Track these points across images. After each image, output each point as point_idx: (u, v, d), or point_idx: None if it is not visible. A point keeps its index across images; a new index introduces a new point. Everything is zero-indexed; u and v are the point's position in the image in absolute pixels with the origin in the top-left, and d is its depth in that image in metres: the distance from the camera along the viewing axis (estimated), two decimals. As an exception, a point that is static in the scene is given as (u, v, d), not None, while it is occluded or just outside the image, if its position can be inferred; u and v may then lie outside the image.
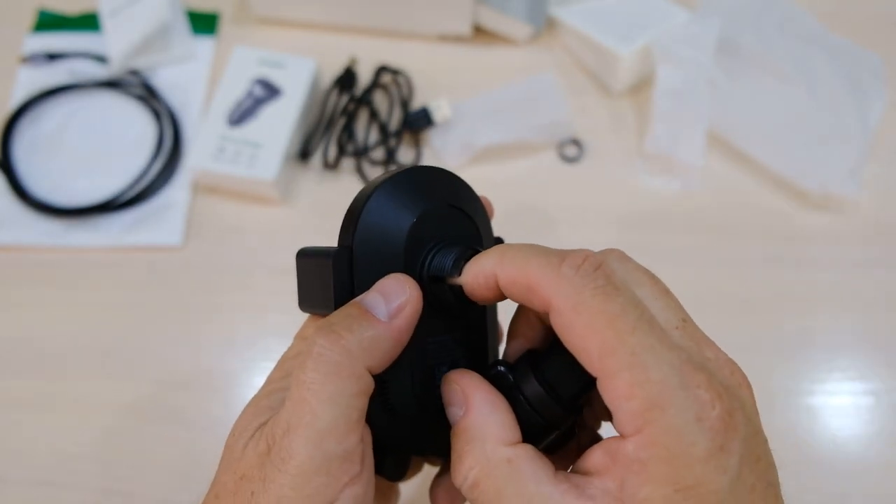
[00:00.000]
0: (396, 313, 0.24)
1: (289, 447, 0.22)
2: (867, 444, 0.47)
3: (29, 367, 0.50)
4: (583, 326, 0.22)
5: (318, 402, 0.23)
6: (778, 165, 0.56)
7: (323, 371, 0.23)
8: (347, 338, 0.23)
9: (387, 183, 0.27)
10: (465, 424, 0.24)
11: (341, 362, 0.23)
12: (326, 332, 0.23)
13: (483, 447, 0.23)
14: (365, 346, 0.24)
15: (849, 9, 0.65)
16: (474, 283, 0.25)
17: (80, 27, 0.64)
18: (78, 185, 0.56)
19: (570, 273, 0.23)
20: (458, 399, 0.25)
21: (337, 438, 0.23)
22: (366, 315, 0.24)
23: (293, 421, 0.23)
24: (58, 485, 0.46)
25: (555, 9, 0.63)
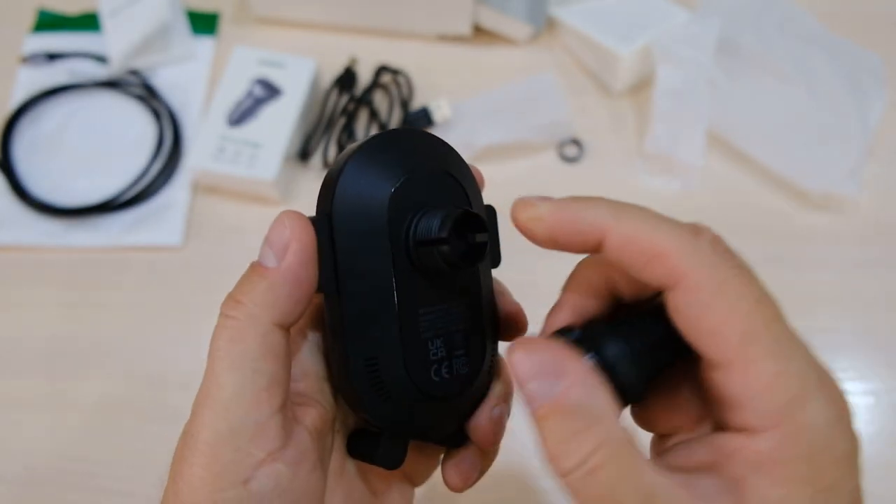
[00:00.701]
0: (283, 253, 0.23)
1: (198, 423, 0.22)
2: (867, 444, 0.46)
3: (29, 367, 0.50)
4: (726, 307, 0.20)
5: (223, 370, 0.22)
6: (778, 165, 0.56)
7: (226, 337, 0.22)
8: (244, 298, 0.22)
9: (366, 145, 0.25)
10: (574, 402, 0.20)
11: (243, 325, 0.22)
12: (226, 299, 0.23)
13: (602, 426, 0.19)
14: (261, 301, 0.22)
15: (849, 9, 0.65)
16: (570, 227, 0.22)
17: (80, 27, 0.64)
18: (78, 185, 0.56)
19: (707, 248, 0.21)
20: (551, 369, 0.20)
21: (243, 408, 0.21)
22: (256, 269, 0.23)
23: (201, 394, 0.22)
24: (58, 485, 0.46)
25: (555, 9, 0.63)
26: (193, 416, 0.22)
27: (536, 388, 0.20)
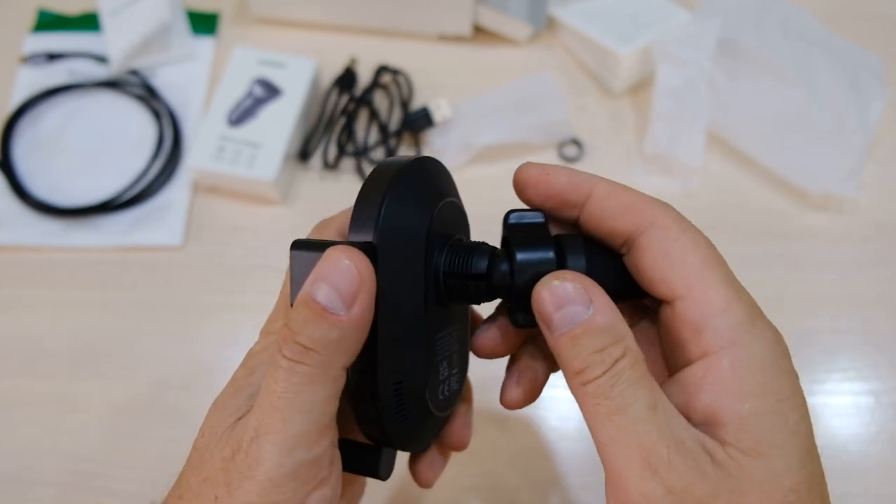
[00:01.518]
0: (353, 300, 0.22)
1: (256, 454, 0.22)
2: (867, 444, 0.47)
3: (29, 366, 0.50)
4: (689, 241, 0.24)
5: (291, 411, 0.22)
6: (778, 165, 0.56)
7: (295, 382, 0.22)
8: (314, 347, 0.22)
9: (402, 176, 0.25)
10: (604, 322, 0.22)
11: (316, 372, 0.22)
12: (291, 346, 0.22)
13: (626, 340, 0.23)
14: (334, 350, 0.22)
15: (849, 9, 0.65)
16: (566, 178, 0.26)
17: (80, 27, 0.64)
18: (78, 185, 0.56)
19: (672, 207, 0.25)
20: (581, 297, 0.23)
21: (307, 445, 0.22)
22: (323, 315, 0.22)
23: (262, 428, 0.22)
24: (58, 485, 0.46)
25: (555, 9, 0.63)
26: (251, 446, 0.22)
27: (570, 313, 0.23)
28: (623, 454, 0.21)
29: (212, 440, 0.24)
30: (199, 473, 0.23)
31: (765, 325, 0.23)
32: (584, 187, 0.26)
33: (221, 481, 0.22)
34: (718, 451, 0.21)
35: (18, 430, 0.48)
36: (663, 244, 0.24)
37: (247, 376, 0.26)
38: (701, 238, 0.24)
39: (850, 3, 0.65)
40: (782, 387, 0.22)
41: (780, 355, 0.22)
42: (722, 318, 0.22)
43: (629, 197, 0.25)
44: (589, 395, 0.22)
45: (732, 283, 0.23)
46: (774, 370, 0.22)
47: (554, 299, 0.23)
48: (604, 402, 0.22)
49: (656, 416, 0.21)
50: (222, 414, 0.25)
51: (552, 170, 0.26)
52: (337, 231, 0.29)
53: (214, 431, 0.24)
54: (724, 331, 0.22)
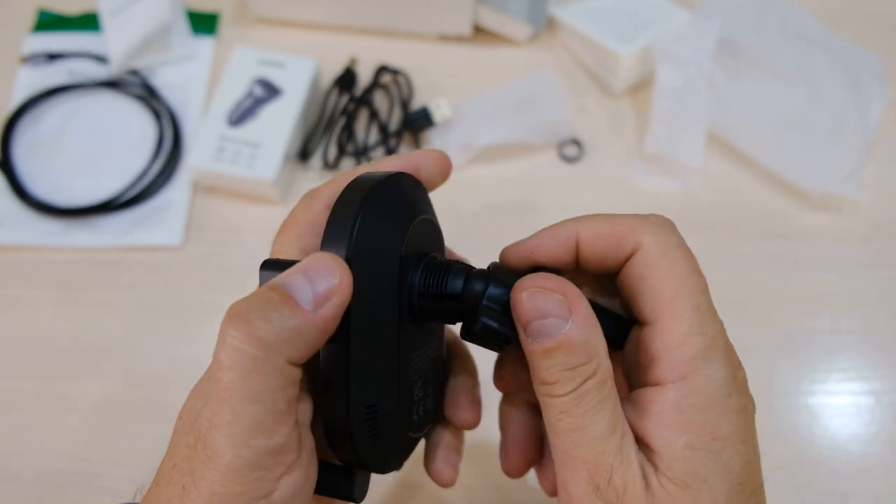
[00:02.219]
0: (323, 301, 0.22)
1: (213, 445, 0.21)
2: (867, 444, 0.47)
3: (29, 366, 0.50)
4: (666, 268, 0.24)
5: (239, 401, 0.21)
6: (778, 165, 0.56)
7: (239, 367, 0.21)
8: (264, 328, 0.21)
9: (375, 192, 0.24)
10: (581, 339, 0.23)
11: (259, 357, 0.21)
12: (239, 320, 0.21)
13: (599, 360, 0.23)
14: (285, 339, 0.21)
15: (849, 9, 0.65)
16: (551, 242, 0.26)
17: (80, 27, 0.64)
18: (78, 185, 0.56)
19: (658, 222, 0.25)
20: (561, 310, 0.23)
21: (265, 434, 0.21)
22: (287, 301, 0.21)
23: (214, 419, 0.21)
24: (58, 485, 0.46)
25: (555, 9, 0.63)
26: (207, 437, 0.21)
27: (548, 325, 0.23)
28: (573, 468, 0.23)
29: (185, 424, 0.23)
30: (172, 458, 0.23)
31: (721, 361, 0.23)
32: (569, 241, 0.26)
33: (187, 469, 0.22)
34: (652, 477, 0.22)
35: (18, 430, 0.48)
36: (641, 269, 0.24)
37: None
38: (682, 263, 0.24)
39: (850, 3, 0.65)
40: (722, 425, 0.22)
41: (726, 395, 0.23)
42: (677, 351, 0.23)
43: (614, 228, 0.25)
44: (553, 407, 0.23)
45: (698, 316, 0.23)
46: (718, 409, 0.22)
47: (533, 307, 0.23)
48: (566, 418, 0.23)
49: (612, 437, 0.22)
50: (196, 396, 0.24)
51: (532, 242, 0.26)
52: (324, 205, 0.27)
53: (187, 415, 0.24)
54: (677, 365, 0.23)
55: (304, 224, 0.27)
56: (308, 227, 0.27)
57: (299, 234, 0.27)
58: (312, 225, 0.27)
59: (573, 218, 0.26)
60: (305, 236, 0.27)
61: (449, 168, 0.29)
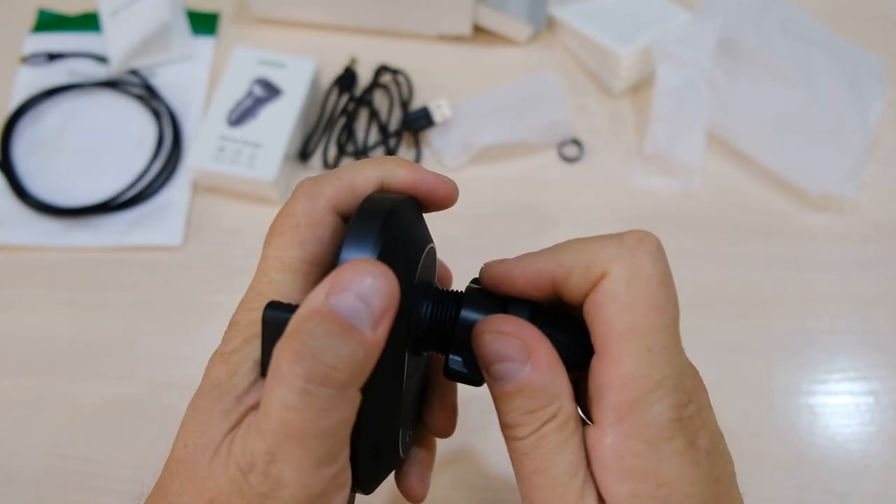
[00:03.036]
0: (379, 322, 0.20)
1: (278, 478, 0.20)
2: (867, 444, 0.47)
3: (28, 366, 0.50)
4: (625, 301, 0.22)
5: (312, 438, 0.20)
6: (778, 165, 0.56)
7: (315, 408, 0.19)
8: (339, 367, 0.19)
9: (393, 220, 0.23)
10: (540, 384, 0.22)
11: (335, 396, 0.20)
12: (307, 360, 0.19)
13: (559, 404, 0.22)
14: (356, 371, 0.20)
15: (849, 9, 0.65)
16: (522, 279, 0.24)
17: (80, 27, 0.64)
18: (78, 185, 0.56)
19: (632, 244, 0.23)
20: (520, 354, 0.23)
21: (331, 462, 0.21)
22: (352, 332, 0.19)
23: (280, 454, 0.20)
24: (58, 485, 0.46)
25: (555, 9, 0.63)
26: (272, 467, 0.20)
27: (506, 370, 0.23)
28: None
29: (202, 453, 0.21)
30: (197, 493, 0.21)
31: (665, 403, 0.22)
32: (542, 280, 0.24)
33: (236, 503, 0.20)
34: None
35: (18, 430, 0.48)
36: (601, 298, 0.22)
37: (231, 377, 0.23)
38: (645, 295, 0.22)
39: (850, 3, 0.65)
40: (665, 469, 0.21)
41: (667, 438, 0.21)
42: (617, 392, 0.22)
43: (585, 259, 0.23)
44: (514, 450, 0.23)
45: (647, 357, 0.22)
46: (658, 453, 0.21)
47: (493, 351, 0.23)
48: (526, 460, 0.23)
49: (572, 481, 0.22)
50: (207, 420, 0.22)
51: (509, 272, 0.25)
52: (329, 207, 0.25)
53: (204, 442, 0.22)
54: (615, 406, 0.22)
55: (305, 228, 0.25)
56: (310, 231, 0.25)
57: (301, 241, 0.25)
58: (314, 230, 0.25)
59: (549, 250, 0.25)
60: (308, 244, 0.25)
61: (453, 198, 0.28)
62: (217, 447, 0.21)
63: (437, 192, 0.27)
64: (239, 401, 0.22)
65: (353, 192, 0.26)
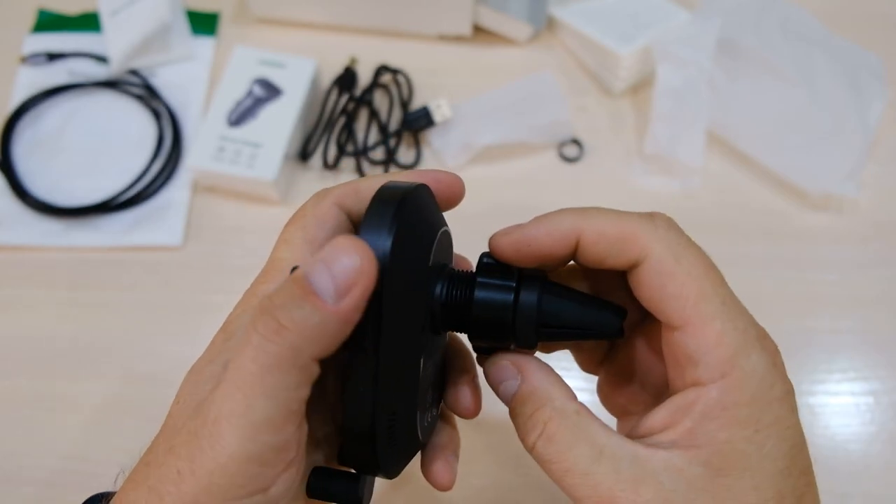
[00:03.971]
0: (346, 291, 0.21)
1: (219, 435, 0.21)
2: (867, 444, 0.47)
3: (28, 366, 0.50)
4: (683, 274, 0.24)
5: (255, 395, 0.21)
6: (778, 165, 0.56)
7: (261, 362, 0.21)
8: (290, 327, 0.21)
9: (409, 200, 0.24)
10: (528, 390, 0.25)
11: (283, 354, 0.21)
12: (267, 318, 0.21)
13: (553, 404, 0.25)
14: (308, 335, 0.21)
15: (849, 9, 0.65)
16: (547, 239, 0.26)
17: (80, 27, 0.64)
18: (78, 185, 0.56)
19: (664, 226, 0.25)
20: (511, 372, 0.26)
21: (273, 431, 0.21)
22: (310, 296, 0.21)
23: (225, 409, 0.21)
24: (58, 485, 0.46)
25: (555, 9, 0.63)
26: (214, 424, 0.21)
27: (505, 388, 0.26)
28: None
29: (186, 408, 0.23)
30: (167, 442, 0.23)
31: (759, 353, 0.23)
32: (569, 238, 0.26)
33: (185, 455, 0.21)
34: (686, 471, 0.23)
35: (18, 430, 0.48)
36: (658, 279, 0.24)
37: (224, 341, 0.25)
38: (697, 263, 0.24)
39: (850, 3, 0.65)
40: (765, 416, 0.23)
41: (769, 385, 0.23)
42: (714, 353, 0.23)
43: (618, 230, 0.25)
44: (540, 461, 0.25)
45: (727, 313, 0.24)
46: (761, 401, 0.23)
47: (493, 377, 0.27)
48: (550, 465, 0.24)
49: (602, 465, 0.23)
50: (197, 380, 0.24)
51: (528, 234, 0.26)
52: (333, 202, 0.27)
53: (188, 399, 0.23)
54: (716, 365, 0.23)
55: (311, 217, 0.27)
56: (315, 220, 0.27)
57: (305, 226, 0.27)
58: (319, 219, 0.27)
59: (574, 210, 0.26)
60: (311, 228, 0.27)
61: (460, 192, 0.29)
62: (199, 403, 0.23)
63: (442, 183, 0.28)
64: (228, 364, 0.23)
65: (357, 193, 0.28)
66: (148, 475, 0.22)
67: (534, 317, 0.26)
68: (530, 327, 0.26)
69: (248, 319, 0.22)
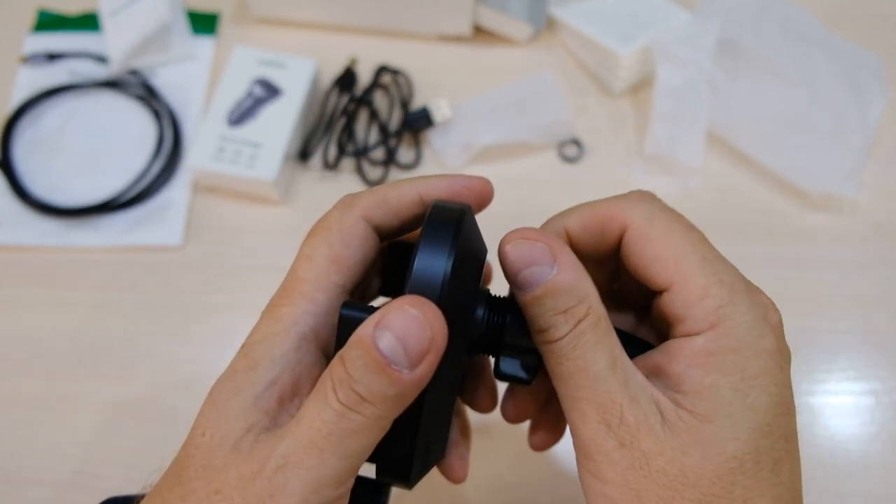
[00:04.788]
0: (419, 361, 0.21)
1: (282, 485, 0.21)
2: (867, 444, 0.47)
3: (29, 366, 0.50)
4: (659, 237, 0.24)
5: (331, 453, 0.21)
6: (778, 165, 0.56)
7: (344, 427, 0.21)
8: (371, 400, 0.21)
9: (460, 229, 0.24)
10: (568, 282, 0.23)
11: (365, 423, 0.21)
12: (346, 391, 0.21)
13: (589, 302, 0.23)
14: (390, 407, 0.21)
15: (849, 9, 0.65)
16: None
17: (80, 27, 0.64)
18: (78, 185, 0.56)
19: (637, 197, 0.26)
20: (546, 257, 0.23)
21: (336, 486, 0.22)
22: (386, 370, 0.21)
23: (294, 460, 0.21)
24: (58, 485, 0.46)
25: (555, 9, 0.63)
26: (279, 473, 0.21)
27: (534, 273, 0.23)
28: (582, 410, 0.23)
29: (219, 444, 0.23)
30: (208, 481, 0.22)
31: (747, 303, 0.23)
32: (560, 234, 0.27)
33: (237, 499, 0.21)
34: (671, 412, 0.23)
35: (18, 430, 0.48)
36: (636, 245, 0.25)
37: (249, 371, 0.24)
38: (674, 225, 0.25)
39: (850, 3, 0.65)
40: (752, 365, 0.23)
41: (758, 336, 0.23)
42: (701, 305, 0.23)
43: (597, 215, 0.26)
44: (552, 353, 0.24)
45: (711, 266, 0.24)
46: (749, 350, 0.23)
47: (518, 257, 0.24)
48: (565, 361, 0.23)
49: (614, 374, 0.23)
50: (226, 414, 0.23)
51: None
52: (360, 216, 0.27)
53: (221, 434, 0.23)
54: (704, 317, 0.23)
55: (336, 232, 0.26)
56: (340, 235, 0.26)
57: (330, 242, 0.26)
58: (344, 234, 0.26)
59: (559, 214, 0.27)
60: (336, 245, 0.26)
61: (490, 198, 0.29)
62: (237, 442, 0.22)
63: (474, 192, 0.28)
64: (258, 399, 0.23)
65: (386, 204, 0.27)
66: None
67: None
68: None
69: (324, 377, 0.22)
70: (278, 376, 0.24)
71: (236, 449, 0.22)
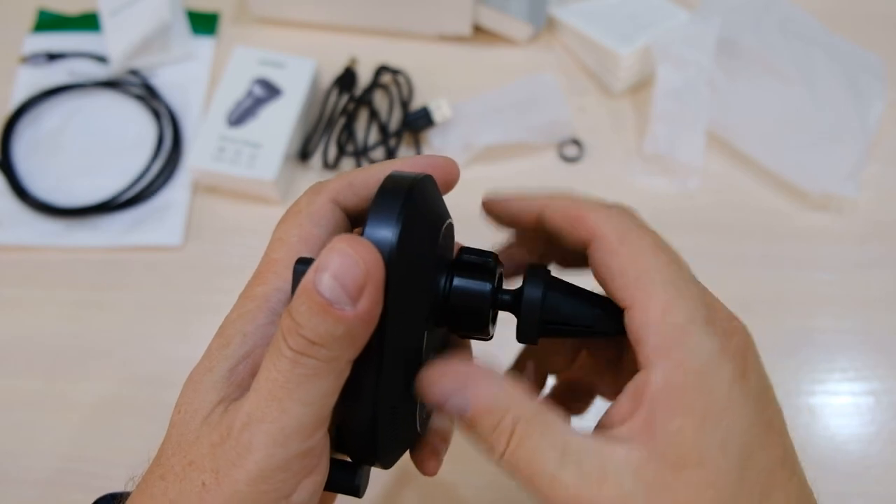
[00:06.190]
0: (358, 295, 0.21)
1: (248, 442, 0.21)
2: (867, 444, 0.47)
3: (28, 366, 0.50)
4: (626, 253, 0.24)
5: (290, 401, 0.21)
6: (778, 165, 0.56)
7: (299, 373, 0.21)
8: (319, 341, 0.21)
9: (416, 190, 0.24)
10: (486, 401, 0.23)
11: (319, 365, 0.21)
12: (295, 337, 0.21)
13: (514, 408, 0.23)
14: (340, 345, 0.21)
15: (849, 9, 0.65)
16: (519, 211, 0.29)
17: (80, 27, 0.64)
18: (78, 185, 0.56)
19: (617, 212, 0.25)
20: (459, 384, 0.24)
21: (302, 437, 0.22)
22: (329, 310, 0.21)
23: (256, 415, 0.21)
24: (57, 485, 0.46)
25: (555, 9, 0.63)
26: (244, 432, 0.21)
27: (456, 403, 0.23)
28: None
29: (191, 418, 0.23)
30: (183, 455, 0.23)
31: (704, 332, 0.22)
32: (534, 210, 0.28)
33: (209, 466, 0.22)
34: (642, 468, 0.21)
35: (17, 430, 0.48)
36: (605, 258, 0.24)
37: (222, 348, 0.25)
38: (644, 244, 0.24)
39: (850, 3, 0.65)
40: (715, 401, 0.21)
41: (716, 366, 0.22)
42: (657, 327, 0.22)
43: (573, 210, 0.26)
44: (508, 469, 0.23)
45: (674, 287, 0.23)
46: (708, 385, 0.22)
47: (440, 392, 0.24)
48: (518, 472, 0.23)
49: (567, 466, 0.22)
50: (198, 388, 0.24)
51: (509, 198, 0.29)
52: (329, 198, 0.27)
53: (193, 408, 0.23)
54: (660, 341, 0.22)
55: (305, 214, 0.27)
56: (309, 217, 0.27)
57: (300, 223, 0.27)
58: (313, 215, 0.27)
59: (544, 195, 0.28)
60: (305, 225, 0.27)
61: (457, 177, 0.29)
62: (207, 414, 0.23)
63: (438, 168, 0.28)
64: (230, 373, 0.24)
65: (352, 187, 0.27)
66: (167, 489, 0.22)
67: (537, 312, 0.26)
68: (534, 323, 0.26)
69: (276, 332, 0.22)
70: (251, 350, 0.24)
71: (207, 421, 0.23)
